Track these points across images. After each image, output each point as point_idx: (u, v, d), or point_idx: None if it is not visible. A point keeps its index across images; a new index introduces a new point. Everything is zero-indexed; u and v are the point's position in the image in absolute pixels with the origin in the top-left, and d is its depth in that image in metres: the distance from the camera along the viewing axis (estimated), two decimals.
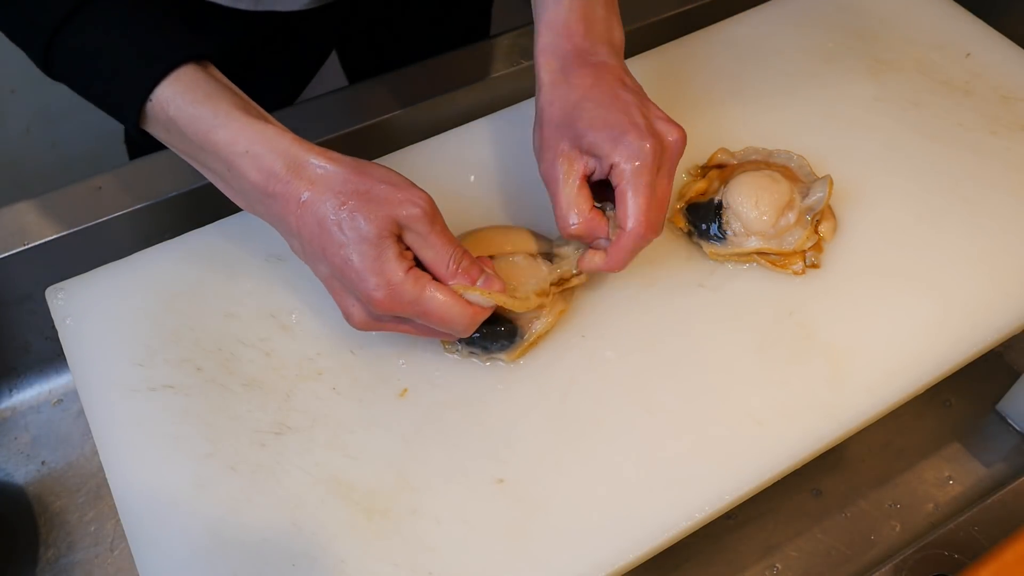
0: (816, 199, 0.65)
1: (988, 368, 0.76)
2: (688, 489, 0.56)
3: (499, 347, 0.60)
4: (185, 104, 0.55)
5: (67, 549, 0.69)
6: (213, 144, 0.55)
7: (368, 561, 0.53)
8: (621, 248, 0.58)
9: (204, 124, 0.55)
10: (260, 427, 0.58)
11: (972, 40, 0.80)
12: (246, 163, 0.54)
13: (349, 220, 0.53)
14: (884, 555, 0.68)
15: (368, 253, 0.53)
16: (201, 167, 0.58)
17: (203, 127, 0.55)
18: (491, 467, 0.57)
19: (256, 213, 0.57)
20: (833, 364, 0.61)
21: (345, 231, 0.53)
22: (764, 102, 0.76)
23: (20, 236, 0.70)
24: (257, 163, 0.54)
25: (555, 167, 0.59)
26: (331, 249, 0.54)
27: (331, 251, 0.54)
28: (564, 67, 0.60)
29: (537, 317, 0.60)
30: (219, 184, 0.58)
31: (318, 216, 0.54)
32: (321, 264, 0.55)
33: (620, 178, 0.57)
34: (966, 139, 0.73)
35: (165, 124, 0.55)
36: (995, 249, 0.66)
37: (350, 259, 0.53)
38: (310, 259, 0.56)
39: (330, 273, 0.55)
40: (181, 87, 0.55)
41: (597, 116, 0.58)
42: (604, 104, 0.58)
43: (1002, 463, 0.73)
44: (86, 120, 1.60)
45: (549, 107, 0.60)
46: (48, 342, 0.75)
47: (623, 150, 0.57)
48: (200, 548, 0.54)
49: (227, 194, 0.58)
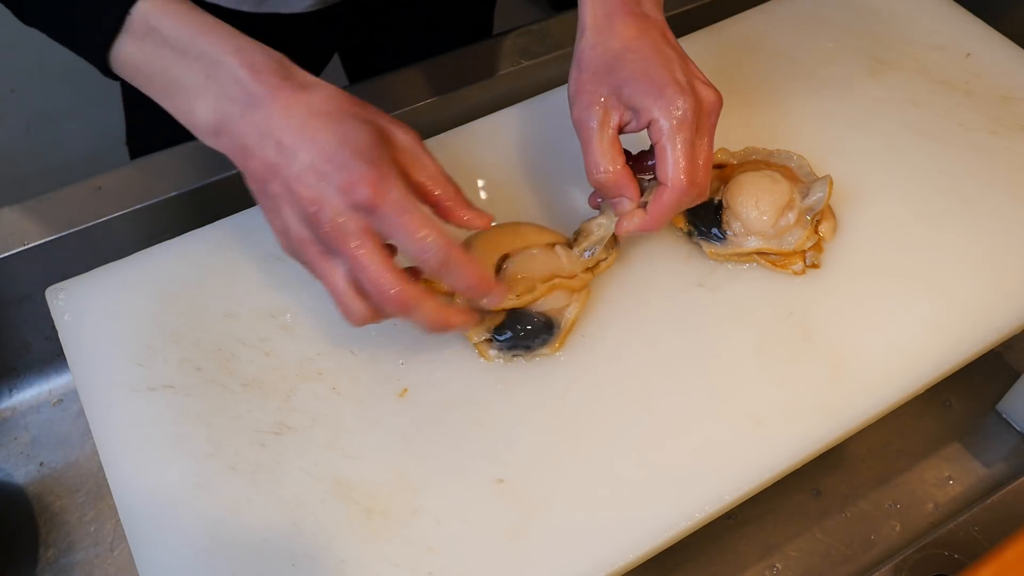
0: (816, 199, 0.65)
1: (988, 368, 0.76)
2: (688, 489, 0.56)
3: (540, 342, 0.60)
4: (170, 12, 0.53)
5: (67, 549, 0.69)
6: (199, 46, 0.52)
7: (368, 561, 0.53)
8: (663, 204, 0.57)
9: (192, 27, 0.53)
10: (260, 427, 0.58)
11: (972, 40, 0.80)
12: (234, 60, 0.52)
13: (345, 116, 0.51)
14: (884, 555, 0.68)
15: (364, 140, 0.51)
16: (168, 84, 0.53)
17: (190, 29, 0.53)
18: (491, 467, 0.57)
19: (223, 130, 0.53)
20: (833, 364, 0.61)
21: (340, 123, 0.51)
22: (764, 102, 0.76)
23: (20, 236, 0.70)
24: (248, 60, 0.52)
25: (590, 113, 0.58)
26: (321, 137, 0.51)
27: (320, 139, 0.51)
28: (609, 13, 0.59)
29: (567, 304, 0.61)
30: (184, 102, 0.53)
31: (310, 108, 0.51)
32: (301, 154, 0.51)
33: (660, 134, 0.56)
34: (966, 139, 0.73)
35: (143, 35, 0.53)
36: (995, 249, 0.66)
37: (344, 143, 0.50)
38: (283, 159, 0.51)
39: (306, 165, 0.50)
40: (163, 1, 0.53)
41: (639, 68, 0.57)
42: (647, 57, 0.57)
43: (1002, 463, 0.73)
44: (86, 120, 1.60)
45: (591, 51, 0.58)
46: (48, 342, 0.75)
47: (664, 105, 0.56)
48: (200, 548, 0.54)
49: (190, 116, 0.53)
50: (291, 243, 0.53)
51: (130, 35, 0.53)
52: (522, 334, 0.60)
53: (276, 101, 0.52)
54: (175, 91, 0.54)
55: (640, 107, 0.57)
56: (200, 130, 0.54)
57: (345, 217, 0.51)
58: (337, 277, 0.53)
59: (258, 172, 0.53)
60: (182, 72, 0.53)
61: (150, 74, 0.54)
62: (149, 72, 0.54)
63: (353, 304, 0.53)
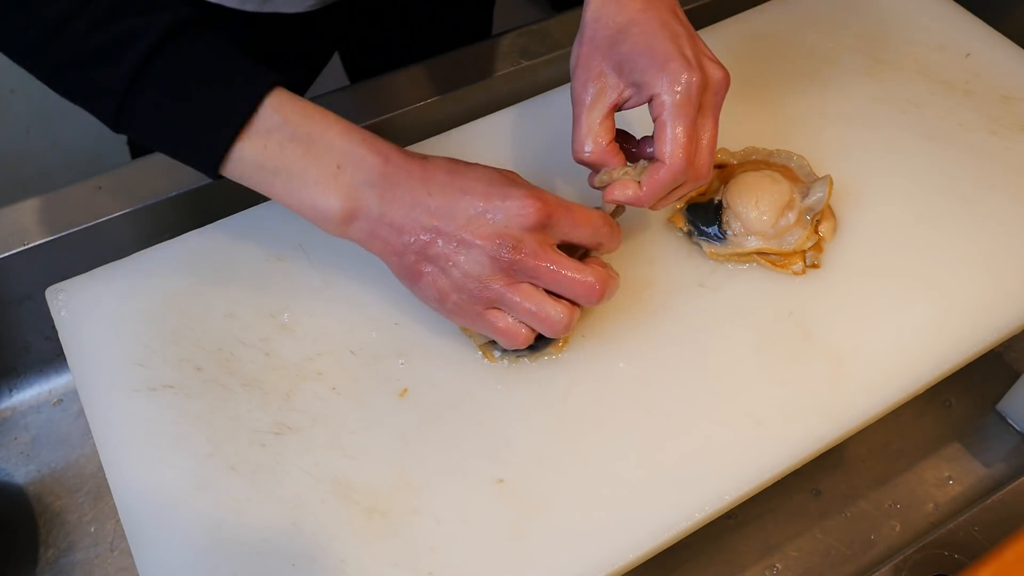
0: (816, 199, 0.65)
1: (988, 368, 0.76)
2: (688, 489, 0.56)
3: (544, 342, 0.60)
4: (298, 107, 0.55)
5: (67, 549, 0.69)
6: (329, 139, 0.54)
7: (368, 561, 0.53)
8: (657, 181, 0.55)
9: (319, 122, 0.55)
10: (260, 427, 0.58)
11: (972, 40, 0.80)
12: (364, 150, 0.55)
13: (471, 166, 0.56)
14: (884, 555, 0.68)
15: (499, 172, 0.56)
16: (292, 179, 0.55)
17: (319, 124, 0.55)
18: (491, 467, 0.57)
19: (358, 215, 0.55)
20: (833, 364, 0.61)
21: (472, 169, 0.56)
22: (764, 102, 0.76)
23: (20, 236, 0.70)
24: (375, 148, 0.55)
25: (585, 88, 0.57)
26: (469, 182, 0.54)
27: (470, 182, 0.54)
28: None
29: None
30: (312, 195, 0.55)
31: (443, 168, 0.55)
32: (458, 208, 0.54)
33: (661, 109, 0.54)
34: (966, 139, 0.73)
35: (270, 131, 0.54)
36: (995, 249, 0.66)
37: (493, 180, 0.55)
38: (441, 218, 0.54)
39: (472, 212, 0.54)
40: (287, 95, 0.55)
41: (642, 41, 0.55)
42: (652, 31, 0.55)
43: (1002, 463, 0.73)
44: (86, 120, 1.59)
45: (594, 23, 0.57)
46: (48, 342, 0.75)
47: (666, 80, 0.54)
48: (200, 548, 0.54)
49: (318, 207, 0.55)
50: (471, 290, 0.55)
51: (254, 132, 0.54)
52: None
53: (412, 175, 0.55)
54: (302, 185, 0.55)
55: (641, 81, 0.55)
56: (332, 220, 0.55)
57: (526, 238, 0.54)
58: (531, 298, 0.55)
59: (414, 243, 0.55)
60: (310, 165, 0.54)
61: (274, 169, 0.54)
62: (273, 167, 0.54)
63: (553, 312, 0.55)
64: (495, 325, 0.56)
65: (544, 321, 0.55)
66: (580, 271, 0.55)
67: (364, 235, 0.55)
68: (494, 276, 0.54)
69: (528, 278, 0.55)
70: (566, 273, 0.55)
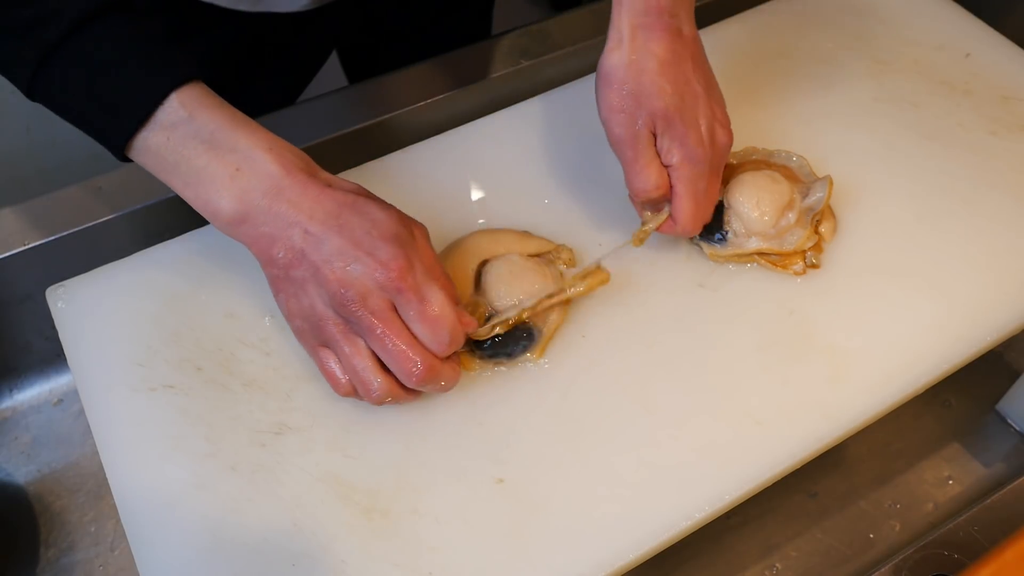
0: (816, 199, 0.65)
1: (988, 368, 0.76)
2: (688, 489, 0.56)
3: (521, 348, 0.60)
4: (206, 105, 0.55)
5: (67, 549, 0.69)
6: (233, 141, 0.55)
7: (368, 561, 0.53)
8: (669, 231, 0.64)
9: (227, 122, 0.55)
10: (260, 427, 0.58)
11: (972, 40, 0.80)
12: (267, 157, 0.55)
13: (371, 206, 0.55)
14: (884, 555, 0.68)
15: (391, 226, 0.55)
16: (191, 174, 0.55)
17: (226, 125, 0.55)
18: (491, 467, 0.57)
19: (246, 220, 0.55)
20: (833, 364, 0.61)
21: (367, 211, 0.55)
22: (764, 102, 0.76)
23: (20, 236, 0.70)
24: (279, 157, 0.55)
25: (633, 134, 0.61)
26: (349, 224, 0.54)
27: (348, 225, 0.54)
28: (645, 26, 0.60)
29: (549, 311, 0.61)
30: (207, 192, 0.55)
31: (337, 200, 0.55)
32: (328, 241, 0.54)
33: (677, 180, 0.61)
34: (966, 139, 0.73)
35: (174, 125, 0.54)
36: (995, 249, 0.66)
37: (378, 228, 0.55)
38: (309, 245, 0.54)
39: (335, 251, 0.54)
40: (200, 91, 0.56)
41: (671, 106, 0.60)
42: (677, 93, 0.60)
43: (1002, 463, 0.73)
44: None
45: (625, 69, 0.60)
46: (48, 342, 0.75)
47: (685, 155, 0.60)
48: (200, 548, 0.54)
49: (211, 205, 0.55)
50: (313, 322, 0.56)
51: (159, 124, 0.55)
52: (502, 340, 0.60)
53: (305, 195, 0.55)
54: (198, 181, 0.55)
55: (663, 146, 0.61)
56: (221, 219, 0.56)
57: (373, 297, 0.54)
58: (358, 355, 0.55)
59: (282, 258, 0.55)
60: (210, 163, 0.55)
61: (175, 162, 0.55)
62: (174, 160, 0.55)
63: (374, 381, 0.55)
64: (323, 364, 0.57)
65: (361, 385, 0.56)
66: (410, 347, 0.54)
67: (248, 239, 0.56)
68: (334, 319, 0.55)
69: (363, 334, 0.55)
70: (393, 343, 0.54)
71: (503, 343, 0.60)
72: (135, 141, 0.55)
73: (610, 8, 0.62)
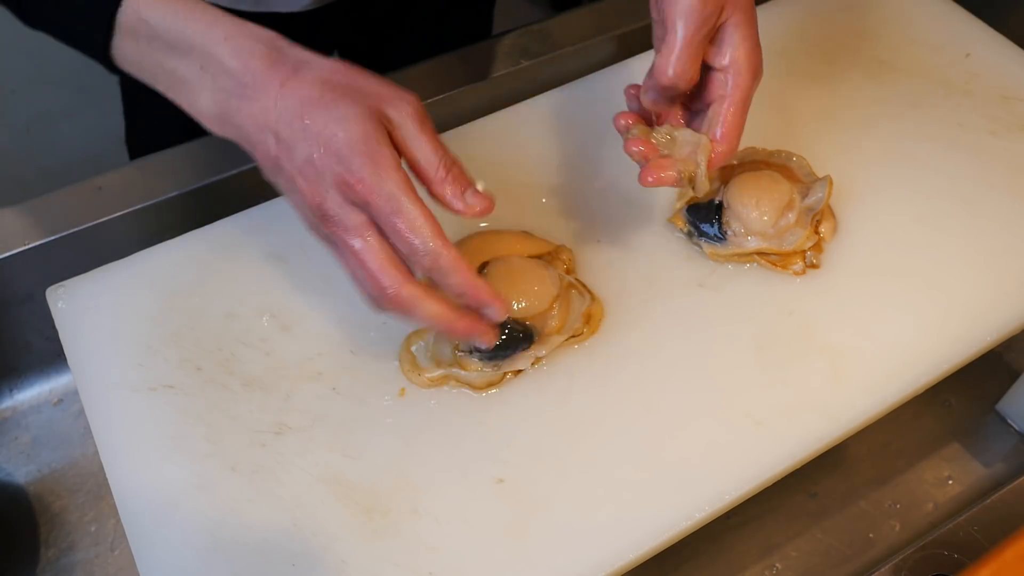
0: (816, 199, 0.65)
1: (988, 368, 0.76)
2: (688, 489, 0.56)
3: (521, 349, 0.60)
4: (158, 4, 0.52)
5: (67, 549, 0.69)
6: (189, 37, 0.52)
7: (368, 561, 0.53)
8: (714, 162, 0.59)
9: (180, 17, 0.52)
10: (260, 427, 0.58)
11: (972, 40, 0.80)
12: (224, 50, 0.51)
13: (337, 100, 0.50)
14: (884, 555, 0.68)
15: (355, 131, 0.50)
16: (170, 79, 0.53)
17: (179, 20, 0.52)
18: (491, 467, 0.57)
19: (227, 122, 0.53)
20: (833, 364, 0.61)
21: (331, 110, 0.50)
22: (764, 102, 0.75)
23: (20, 236, 0.70)
24: (236, 48, 0.51)
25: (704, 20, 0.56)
26: (313, 128, 0.50)
27: (313, 130, 0.50)
28: None
29: (550, 314, 0.61)
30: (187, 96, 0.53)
31: (301, 96, 0.51)
32: (298, 147, 0.50)
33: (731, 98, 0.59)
34: (966, 139, 0.73)
35: (135, 29, 0.52)
36: (995, 249, 0.66)
37: (335, 136, 0.49)
38: (283, 153, 0.51)
39: (304, 160, 0.50)
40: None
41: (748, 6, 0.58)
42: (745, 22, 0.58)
43: (1002, 463, 0.73)
44: (86, 120, 1.60)
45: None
46: (48, 342, 0.75)
47: (742, 82, 0.58)
48: (200, 548, 0.54)
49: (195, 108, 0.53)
50: (310, 221, 0.53)
51: (125, 32, 0.53)
52: (501, 343, 0.59)
53: (268, 92, 0.51)
54: (176, 85, 0.54)
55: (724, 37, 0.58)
56: (207, 121, 0.54)
57: (344, 212, 0.50)
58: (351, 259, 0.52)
59: (265, 162, 0.53)
60: (178, 65, 0.53)
61: (153, 71, 0.54)
62: (152, 69, 0.54)
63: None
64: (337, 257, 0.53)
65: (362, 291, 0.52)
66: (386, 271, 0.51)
67: (236, 139, 0.54)
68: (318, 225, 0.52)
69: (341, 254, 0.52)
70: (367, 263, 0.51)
71: (503, 344, 0.60)
72: (114, 52, 0.53)
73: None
